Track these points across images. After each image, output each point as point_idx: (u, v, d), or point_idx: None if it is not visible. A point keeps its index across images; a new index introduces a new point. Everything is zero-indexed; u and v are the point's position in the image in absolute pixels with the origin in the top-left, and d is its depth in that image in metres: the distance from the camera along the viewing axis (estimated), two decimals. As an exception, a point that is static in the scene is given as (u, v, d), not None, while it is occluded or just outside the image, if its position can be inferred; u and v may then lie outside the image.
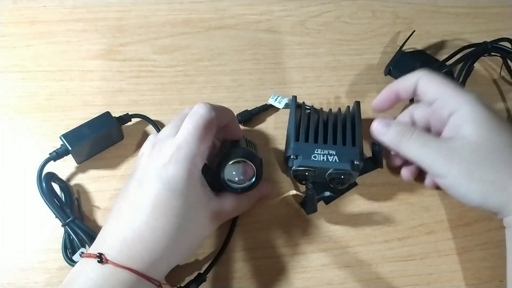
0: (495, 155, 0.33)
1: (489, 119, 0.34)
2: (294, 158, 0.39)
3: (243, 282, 0.40)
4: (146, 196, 0.32)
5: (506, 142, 0.34)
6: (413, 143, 0.36)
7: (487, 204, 0.34)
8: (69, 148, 0.40)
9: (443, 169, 0.35)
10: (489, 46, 0.48)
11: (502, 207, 0.34)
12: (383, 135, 0.38)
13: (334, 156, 0.39)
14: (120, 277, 0.30)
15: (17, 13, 0.51)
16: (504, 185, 0.33)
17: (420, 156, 0.36)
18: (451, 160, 0.34)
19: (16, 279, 0.38)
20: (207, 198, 0.35)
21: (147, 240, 0.31)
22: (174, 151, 0.33)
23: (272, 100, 0.47)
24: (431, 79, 0.38)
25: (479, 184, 0.33)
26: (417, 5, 0.55)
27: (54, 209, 0.38)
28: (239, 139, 0.41)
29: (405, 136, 0.36)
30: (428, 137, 0.36)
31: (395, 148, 0.38)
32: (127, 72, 0.48)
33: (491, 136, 0.34)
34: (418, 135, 0.36)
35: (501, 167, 0.33)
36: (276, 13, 0.53)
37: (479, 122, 0.34)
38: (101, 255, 0.31)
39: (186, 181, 0.32)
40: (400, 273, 0.40)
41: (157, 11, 0.52)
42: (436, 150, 0.35)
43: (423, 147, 0.35)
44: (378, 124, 0.38)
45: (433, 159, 0.35)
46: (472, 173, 0.33)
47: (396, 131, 0.37)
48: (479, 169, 0.33)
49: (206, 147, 0.35)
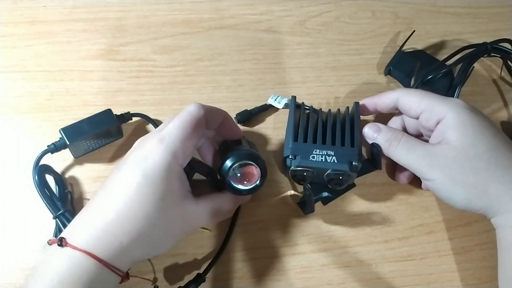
0: (476, 159, 0.35)
1: (472, 124, 0.36)
2: (292, 158, 0.39)
3: (243, 282, 0.40)
4: (119, 180, 0.32)
5: (488, 147, 0.35)
6: (400, 149, 0.38)
7: (472, 206, 0.36)
8: (67, 142, 0.40)
9: (428, 173, 0.36)
10: (488, 47, 0.48)
11: (486, 210, 0.36)
12: (373, 140, 0.40)
13: (333, 156, 0.39)
14: (77, 261, 0.30)
15: (17, 13, 0.51)
16: (485, 189, 0.35)
17: (407, 161, 0.38)
18: (435, 164, 0.36)
19: (16, 279, 0.38)
20: (182, 196, 0.34)
21: (109, 223, 0.31)
22: (157, 142, 0.33)
23: (272, 100, 0.47)
24: (411, 96, 0.40)
25: (462, 188, 0.35)
26: (417, 5, 0.55)
27: (46, 201, 0.39)
28: (239, 138, 0.41)
29: (394, 142, 0.38)
30: (415, 143, 0.38)
31: (385, 153, 0.39)
32: (127, 72, 0.48)
33: (473, 141, 0.35)
34: (405, 142, 0.38)
35: (482, 171, 0.35)
36: (276, 13, 0.53)
37: (462, 128, 0.36)
38: (62, 239, 0.30)
39: (162, 171, 0.32)
40: (400, 273, 0.40)
41: (157, 11, 0.52)
42: (421, 155, 0.37)
43: (410, 153, 0.37)
44: (369, 129, 0.40)
45: (419, 164, 0.37)
46: (455, 177, 0.35)
47: (386, 137, 0.39)
48: (462, 173, 0.35)
49: (191, 144, 0.35)
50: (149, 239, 0.32)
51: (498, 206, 0.35)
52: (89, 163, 0.43)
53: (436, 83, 0.47)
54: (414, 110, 0.39)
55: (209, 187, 0.40)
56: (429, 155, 0.36)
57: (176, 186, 0.33)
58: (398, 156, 0.38)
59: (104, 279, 0.31)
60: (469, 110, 0.37)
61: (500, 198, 0.34)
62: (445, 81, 0.48)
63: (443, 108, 0.37)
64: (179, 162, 0.34)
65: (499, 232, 0.36)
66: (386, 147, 0.39)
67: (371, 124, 0.41)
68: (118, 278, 0.32)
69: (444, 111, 0.37)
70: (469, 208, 0.36)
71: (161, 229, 0.33)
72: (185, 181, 0.35)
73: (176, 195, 0.33)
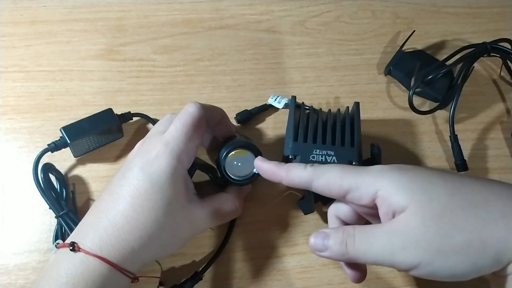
0: (448, 211, 0.28)
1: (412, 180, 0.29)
2: (292, 158, 0.39)
3: (243, 282, 0.40)
4: (126, 186, 0.33)
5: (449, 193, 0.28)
6: (359, 245, 0.29)
7: (484, 269, 0.27)
8: (68, 141, 0.40)
9: (407, 260, 0.28)
10: (488, 47, 0.48)
11: (499, 261, 0.27)
12: (325, 251, 0.31)
13: (333, 156, 0.39)
14: (91, 266, 0.30)
15: (17, 13, 0.51)
16: (482, 239, 0.27)
17: (374, 256, 0.29)
18: (408, 245, 0.27)
19: (16, 279, 0.38)
20: (188, 199, 0.34)
21: (120, 229, 0.31)
22: (161, 146, 0.33)
23: (272, 100, 0.47)
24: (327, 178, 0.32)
25: (457, 254, 0.27)
26: (417, 5, 0.55)
27: (49, 200, 0.38)
28: (234, 135, 0.41)
29: (348, 241, 0.30)
30: (370, 230, 0.30)
31: (346, 261, 0.32)
32: (127, 72, 0.48)
33: (429, 195, 0.28)
34: (360, 234, 0.30)
35: (463, 222, 0.27)
36: (276, 13, 0.53)
37: (406, 188, 0.29)
38: (74, 244, 0.31)
39: (169, 176, 0.32)
40: (400, 273, 0.40)
41: (157, 11, 0.52)
42: (386, 241, 0.28)
43: (371, 245, 0.29)
44: (316, 239, 0.32)
45: (389, 253, 0.28)
46: (440, 247, 0.27)
47: (337, 239, 0.30)
48: (444, 237, 0.27)
49: (194, 145, 0.35)
50: (158, 242, 0.33)
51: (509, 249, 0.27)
52: (89, 163, 0.43)
53: (436, 83, 0.47)
54: (336, 192, 0.32)
55: (213, 188, 0.40)
56: (394, 237, 0.28)
57: (182, 190, 0.34)
58: (362, 255, 0.29)
59: (117, 282, 0.32)
60: (395, 169, 0.30)
61: (507, 240, 0.27)
62: (445, 81, 0.48)
63: (370, 182, 0.30)
64: (184, 165, 0.34)
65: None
66: (343, 251, 0.30)
67: (315, 233, 0.32)
68: (129, 280, 0.33)
69: (373, 184, 0.30)
70: (481, 272, 0.27)
71: (169, 232, 0.33)
72: (190, 183, 0.36)
73: (183, 199, 0.34)
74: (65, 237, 0.38)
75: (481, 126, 0.48)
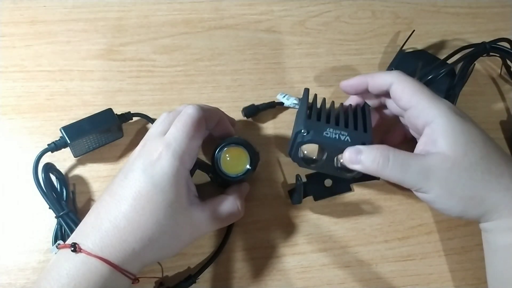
0: (471, 169, 0.34)
1: (463, 132, 0.35)
2: (305, 133, 0.37)
3: (243, 282, 0.40)
4: (128, 188, 0.33)
5: (480, 155, 0.34)
6: (393, 168, 0.35)
7: (466, 216, 0.35)
8: (68, 141, 0.40)
9: (425, 188, 0.35)
10: (487, 47, 0.48)
11: (480, 217, 0.35)
12: (357, 163, 0.36)
13: (346, 136, 0.37)
14: (92, 267, 0.31)
15: (17, 13, 0.51)
16: (482, 199, 0.34)
17: (403, 179, 0.35)
18: (431, 178, 0.34)
19: (16, 279, 0.38)
20: (189, 201, 0.34)
21: (121, 230, 0.31)
22: (163, 148, 0.33)
23: (281, 97, 0.47)
24: (405, 86, 0.37)
25: (459, 200, 0.34)
26: (417, 5, 0.55)
27: (49, 200, 0.39)
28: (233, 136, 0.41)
29: (383, 161, 0.35)
30: (406, 158, 0.35)
31: (373, 174, 0.36)
32: (127, 72, 0.48)
33: (466, 151, 0.34)
34: (395, 160, 0.35)
35: (478, 182, 0.34)
36: (276, 13, 0.53)
37: (454, 136, 0.34)
38: (75, 245, 0.31)
39: (171, 178, 0.33)
40: (400, 273, 0.41)
41: (157, 11, 0.52)
42: (417, 170, 0.34)
43: (404, 170, 0.35)
44: (350, 153, 0.36)
45: (415, 180, 0.35)
46: (452, 190, 0.34)
47: (371, 158, 0.35)
48: (458, 185, 0.34)
49: (195, 146, 0.35)
50: (159, 244, 0.33)
51: (492, 214, 0.35)
52: (89, 163, 0.43)
53: (436, 83, 0.47)
54: (404, 102, 0.37)
55: (213, 189, 0.40)
56: (424, 169, 0.34)
57: (184, 192, 0.34)
58: (392, 176, 0.35)
59: (118, 283, 0.32)
60: (458, 115, 0.35)
61: (496, 206, 0.34)
62: (445, 81, 0.48)
63: (433, 112, 0.35)
64: (186, 166, 0.34)
65: (487, 236, 0.36)
66: (374, 168, 0.35)
67: (349, 148, 0.36)
68: (129, 281, 0.33)
69: (433, 115, 0.35)
70: (463, 217, 0.36)
71: (170, 234, 0.33)
72: (192, 186, 0.36)
73: (184, 201, 0.34)
74: (65, 237, 0.38)
75: (481, 126, 0.47)
